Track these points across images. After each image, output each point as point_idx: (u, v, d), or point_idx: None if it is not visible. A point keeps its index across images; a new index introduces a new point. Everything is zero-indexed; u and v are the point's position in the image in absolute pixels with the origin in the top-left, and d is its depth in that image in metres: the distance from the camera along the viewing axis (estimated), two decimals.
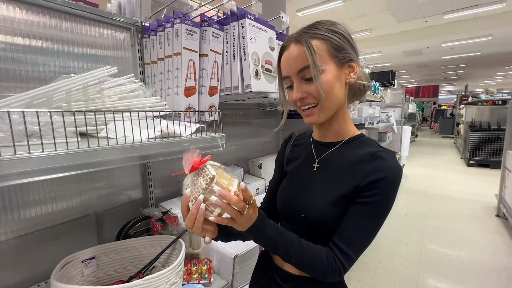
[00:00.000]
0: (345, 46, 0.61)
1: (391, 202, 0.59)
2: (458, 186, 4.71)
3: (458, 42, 8.01)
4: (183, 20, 0.88)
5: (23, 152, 0.45)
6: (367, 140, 0.67)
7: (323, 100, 0.59)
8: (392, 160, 0.60)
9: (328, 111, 0.63)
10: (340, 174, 0.63)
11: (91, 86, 0.67)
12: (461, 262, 2.45)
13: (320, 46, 0.59)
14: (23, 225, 0.85)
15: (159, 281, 0.62)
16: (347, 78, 0.62)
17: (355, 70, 0.63)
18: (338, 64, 0.60)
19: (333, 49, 0.59)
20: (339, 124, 0.68)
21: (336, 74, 0.60)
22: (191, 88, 0.94)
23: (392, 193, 0.59)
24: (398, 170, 0.59)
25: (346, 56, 0.61)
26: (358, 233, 0.59)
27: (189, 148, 0.50)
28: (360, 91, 0.70)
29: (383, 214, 0.59)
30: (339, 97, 0.62)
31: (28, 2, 0.81)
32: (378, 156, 0.60)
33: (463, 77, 15.91)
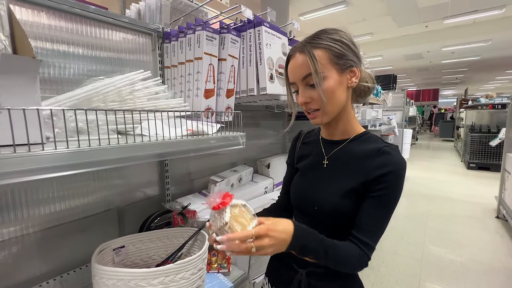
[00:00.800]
0: (346, 53, 0.66)
1: (399, 192, 0.66)
2: (458, 189, 4.76)
3: (458, 47, 8.12)
4: (205, 27, 0.94)
5: (73, 147, 0.51)
6: (372, 137, 0.73)
7: (325, 104, 0.66)
8: (397, 154, 0.67)
9: (331, 114, 0.69)
10: (348, 169, 0.70)
11: (126, 87, 0.74)
12: (461, 262, 2.50)
13: (321, 55, 0.65)
14: (53, 217, 0.91)
15: (188, 266, 0.68)
16: (349, 83, 0.69)
17: (357, 74, 0.69)
18: (340, 70, 0.66)
19: (335, 57, 0.66)
20: (344, 124, 0.74)
21: (338, 79, 0.66)
22: (210, 90, 1.01)
23: (400, 184, 0.65)
24: (403, 162, 0.65)
25: (347, 62, 0.67)
26: (375, 224, 0.65)
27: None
28: (364, 92, 0.76)
29: (394, 203, 0.66)
30: (341, 100, 0.69)
31: (61, 10, 0.88)
32: (384, 151, 0.66)
33: (463, 81, 16.02)
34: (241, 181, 1.49)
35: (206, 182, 1.42)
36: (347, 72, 0.68)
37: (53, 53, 0.88)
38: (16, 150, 0.40)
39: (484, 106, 6.59)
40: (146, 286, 0.64)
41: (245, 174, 1.52)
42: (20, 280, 0.84)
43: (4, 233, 0.81)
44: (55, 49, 0.88)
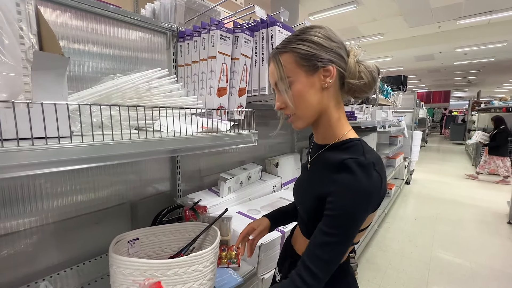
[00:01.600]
0: (316, 52, 0.61)
1: (352, 218, 0.56)
2: (468, 193, 4.68)
3: (471, 48, 7.94)
4: (219, 27, 0.96)
5: (97, 140, 0.53)
6: (353, 147, 0.63)
7: (293, 110, 0.64)
8: (360, 174, 0.55)
9: (305, 118, 0.66)
10: (319, 176, 0.66)
11: (143, 85, 0.76)
12: (471, 266, 2.46)
13: (287, 58, 0.63)
14: (70, 209, 0.95)
15: (201, 259, 0.70)
16: (322, 84, 0.63)
17: (332, 73, 0.62)
18: (309, 72, 0.62)
19: (301, 59, 0.62)
20: (325, 129, 0.68)
21: (307, 82, 0.62)
22: (223, 89, 1.02)
23: (352, 211, 0.55)
24: (358, 185, 0.55)
25: (316, 63, 0.61)
26: (320, 246, 0.57)
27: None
28: (359, 89, 0.66)
29: (340, 228, 0.56)
30: (314, 103, 0.64)
31: (82, 9, 0.91)
32: (345, 165, 0.57)
33: (476, 83, 15.66)
34: (250, 179, 1.51)
35: (216, 179, 1.45)
36: (320, 73, 0.62)
37: (74, 52, 0.91)
38: (47, 142, 0.43)
39: (497, 109, 6.44)
40: (160, 277, 0.66)
41: (254, 172, 1.54)
42: (40, 267, 0.88)
43: (25, 222, 0.84)
44: (75, 48, 0.92)
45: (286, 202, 1.37)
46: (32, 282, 0.85)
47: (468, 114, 10.09)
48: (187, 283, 0.69)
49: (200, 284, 0.71)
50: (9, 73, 0.59)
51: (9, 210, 0.81)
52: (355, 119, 1.90)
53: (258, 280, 1.00)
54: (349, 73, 0.64)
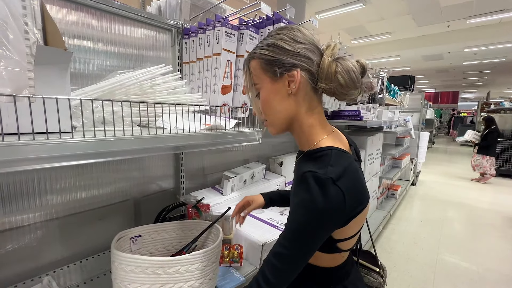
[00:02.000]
0: (279, 57, 0.58)
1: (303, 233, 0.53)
2: (476, 195, 4.59)
3: (481, 48, 7.78)
4: (224, 23, 0.95)
5: (99, 136, 0.53)
6: (321, 157, 0.58)
7: (260, 116, 0.65)
8: (315, 190, 0.51)
9: (276, 126, 0.64)
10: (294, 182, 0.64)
11: (147, 81, 0.76)
12: (478, 270, 2.42)
13: (254, 65, 0.62)
14: (74, 205, 0.95)
15: (203, 257, 0.70)
16: (287, 90, 0.59)
17: (296, 78, 0.58)
18: (273, 78, 0.60)
19: (265, 65, 0.60)
20: (298, 136, 0.65)
21: (271, 88, 0.60)
22: (227, 86, 1.02)
23: (304, 224, 0.53)
24: (312, 205, 0.51)
25: (277, 68, 0.58)
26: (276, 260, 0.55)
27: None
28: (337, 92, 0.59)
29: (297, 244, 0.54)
30: (283, 110, 0.61)
31: (88, 5, 0.91)
32: (304, 179, 0.54)
33: (486, 83, 15.35)
34: (253, 178, 1.50)
35: (219, 178, 1.44)
36: (285, 78, 0.58)
37: (78, 49, 0.91)
38: (48, 137, 0.42)
39: (507, 110, 6.30)
40: (162, 274, 0.66)
41: (257, 171, 1.53)
42: (44, 262, 0.88)
43: (30, 217, 0.85)
44: (80, 45, 0.92)
45: None
46: (36, 277, 0.85)
47: (477, 115, 9.89)
48: (189, 281, 0.68)
49: (202, 283, 0.71)
50: (13, 68, 0.59)
51: (14, 205, 0.82)
52: (361, 119, 1.88)
53: None
54: (321, 76, 0.58)
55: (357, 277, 0.75)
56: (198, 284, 0.70)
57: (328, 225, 0.55)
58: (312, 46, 0.59)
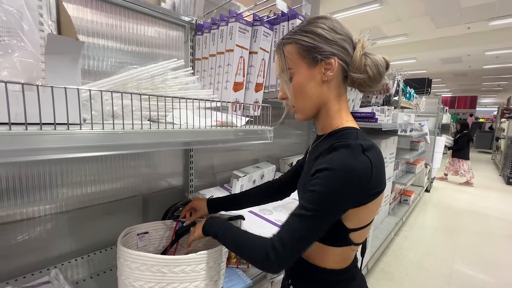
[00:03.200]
0: (317, 45, 0.60)
1: (327, 195, 0.54)
2: (495, 204, 4.38)
3: (504, 51, 7.46)
4: (238, 19, 0.93)
5: (108, 129, 0.51)
6: (346, 133, 0.62)
7: (292, 101, 0.65)
8: (344, 153, 0.55)
9: (304, 111, 0.66)
10: (310, 165, 0.66)
11: (159, 76, 0.75)
12: (495, 283, 2.29)
13: (290, 50, 0.63)
14: (84, 199, 0.95)
15: (209, 258, 0.68)
16: (323, 77, 0.62)
17: (333, 67, 0.60)
18: (310, 65, 0.61)
19: (303, 51, 0.61)
20: (323, 120, 0.67)
21: (307, 74, 0.62)
22: (240, 83, 0.99)
23: (330, 185, 0.53)
24: (341, 164, 0.53)
25: (316, 56, 0.60)
26: (294, 217, 0.56)
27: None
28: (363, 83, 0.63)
29: (317, 205, 0.54)
30: (314, 96, 0.63)
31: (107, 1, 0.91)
32: (333, 147, 0.57)
33: (506, 88, 14.73)
34: (263, 178, 1.47)
35: (228, 177, 1.42)
36: (321, 65, 0.61)
37: (92, 46, 0.92)
38: (56, 128, 0.41)
39: None
40: (167, 273, 0.64)
41: (267, 171, 1.50)
42: (52, 255, 0.88)
43: (41, 209, 0.86)
44: (94, 42, 0.92)
45: None
46: (44, 269, 0.86)
47: (497, 121, 9.49)
48: (195, 281, 0.67)
49: (207, 284, 0.68)
50: (27, 59, 0.59)
51: (26, 196, 0.83)
52: (376, 121, 1.81)
53: (267, 283, 0.96)
54: (353, 66, 0.62)
55: (362, 280, 0.74)
56: (204, 285, 0.68)
57: (353, 190, 0.54)
58: (347, 38, 0.63)
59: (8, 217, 0.80)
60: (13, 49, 0.56)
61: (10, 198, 0.79)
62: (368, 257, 2.24)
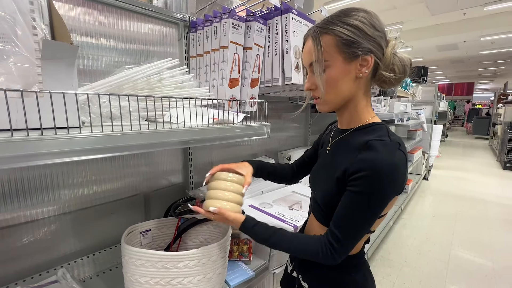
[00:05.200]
0: (358, 40, 0.59)
1: (377, 195, 0.57)
2: (492, 190, 4.45)
3: (499, 36, 7.43)
4: (231, 15, 0.93)
5: (107, 131, 0.52)
6: (376, 129, 0.64)
7: (323, 94, 0.63)
8: (384, 152, 0.56)
9: (332, 104, 0.66)
10: (340, 158, 0.67)
11: (154, 76, 0.75)
12: (493, 267, 2.35)
13: (328, 41, 0.60)
14: (86, 199, 0.97)
15: (212, 252, 0.70)
16: (357, 73, 0.61)
17: (369, 64, 0.60)
18: (347, 59, 0.60)
19: (342, 44, 0.59)
20: (350, 114, 0.68)
21: (343, 69, 0.61)
22: (235, 79, 1.00)
23: (376, 186, 0.56)
24: (385, 163, 0.55)
25: (357, 50, 0.59)
26: (346, 219, 0.60)
27: None
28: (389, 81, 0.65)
29: (369, 205, 0.58)
30: (345, 91, 0.63)
31: (99, 1, 0.90)
32: (370, 145, 0.58)
33: (503, 74, 14.72)
34: None
35: None
36: (358, 61, 0.60)
37: (86, 45, 0.91)
38: (56, 132, 0.42)
39: None
40: (171, 269, 0.66)
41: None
42: (58, 255, 0.90)
43: (44, 211, 0.87)
44: (87, 42, 0.92)
45: (299, 197, 1.34)
46: (51, 269, 0.88)
47: (494, 107, 9.53)
48: (198, 275, 0.69)
49: (211, 277, 0.71)
50: (23, 64, 0.59)
51: (29, 199, 0.84)
52: None
53: (269, 274, 0.99)
54: (383, 65, 0.62)
55: (367, 266, 0.78)
56: (207, 278, 0.70)
57: (395, 186, 0.58)
58: (384, 35, 0.63)
59: (13, 220, 0.81)
60: (8, 55, 0.56)
61: (14, 201, 0.80)
62: (368, 245, 2.28)
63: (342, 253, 0.61)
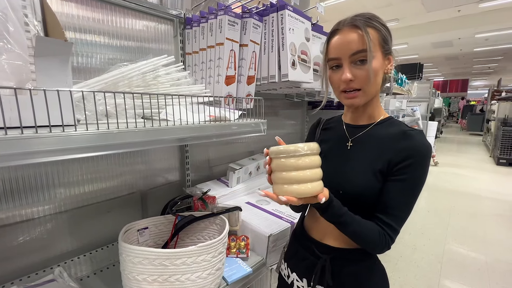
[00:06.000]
0: (389, 39, 0.68)
1: (424, 176, 0.65)
2: (485, 185, 4.52)
3: (493, 33, 7.50)
4: (227, 12, 0.93)
5: (103, 129, 0.52)
6: (396, 121, 0.74)
7: (369, 84, 0.65)
8: (422, 138, 0.66)
9: (369, 95, 0.69)
10: (373, 151, 0.70)
11: (150, 73, 0.75)
12: (486, 261, 2.40)
13: (374, 34, 0.65)
14: (82, 198, 0.96)
15: (209, 249, 0.70)
16: (386, 68, 0.69)
17: (391, 62, 0.70)
18: (383, 54, 0.68)
19: (382, 40, 0.66)
20: (373, 108, 0.74)
21: (382, 62, 0.67)
22: (231, 77, 1.00)
23: (424, 169, 0.65)
24: (428, 147, 0.65)
25: (389, 48, 0.68)
26: (399, 207, 0.65)
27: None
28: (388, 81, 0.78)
29: (418, 188, 0.65)
30: (379, 84, 0.70)
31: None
32: (409, 134, 0.66)
33: (497, 70, 14.89)
34: (259, 169, 1.49)
35: (224, 170, 1.44)
36: (386, 58, 0.69)
37: (80, 42, 0.90)
38: (51, 130, 0.42)
39: None
40: (169, 266, 0.66)
41: (263, 163, 1.52)
42: (55, 254, 0.90)
43: (40, 210, 0.86)
44: (82, 38, 0.90)
45: None
46: (48, 268, 0.87)
47: (487, 103, 9.64)
48: (196, 272, 0.69)
49: (209, 274, 0.71)
50: (15, 61, 0.58)
51: (24, 198, 0.83)
52: None
53: (267, 271, 1.00)
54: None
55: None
56: (205, 275, 0.71)
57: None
58: None
59: (8, 219, 0.80)
60: (0, 52, 0.56)
61: (9, 200, 0.80)
62: None
63: (394, 241, 0.66)
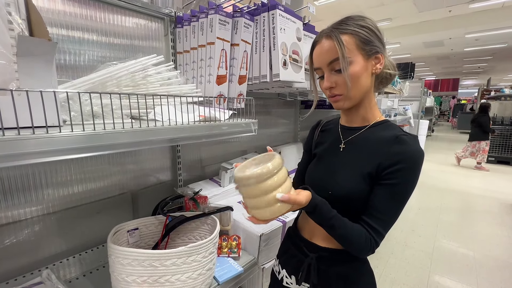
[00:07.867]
0: (372, 39, 0.67)
1: (413, 183, 0.65)
2: (474, 183, 4.62)
3: (483, 33, 7.64)
4: (218, 11, 0.92)
5: (88, 130, 0.51)
6: (391, 125, 0.73)
7: (349, 89, 0.66)
8: (414, 144, 0.65)
9: (354, 99, 0.70)
10: (364, 154, 0.70)
11: (139, 72, 0.74)
12: (475, 256, 2.46)
13: (349, 40, 0.66)
14: (71, 199, 0.95)
15: (200, 249, 0.70)
16: (373, 69, 0.69)
17: (381, 61, 0.69)
18: (365, 56, 0.67)
19: (361, 43, 0.66)
20: (365, 110, 0.74)
21: (363, 65, 0.67)
22: (223, 76, 0.99)
23: (414, 176, 0.64)
24: (419, 153, 0.64)
25: (372, 48, 0.67)
26: (386, 212, 0.65)
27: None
28: (386, 80, 0.77)
29: (407, 194, 0.65)
30: (365, 86, 0.69)
31: None
32: (401, 139, 0.66)
33: (486, 70, 15.19)
34: None
35: (217, 169, 1.44)
36: (372, 59, 0.68)
37: (68, 39, 0.89)
38: (34, 132, 0.41)
39: (508, 97, 6.26)
40: (159, 267, 0.66)
41: None
42: (43, 256, 0.88)
43: (27, 212, 0.85)
44: (70, 36, 0.89)
45: None
46: (35, 270, 0.86)
47: (477, 102, 9.84)
48: (186, 273, 0.69)
49: (199, 274, 0.71)
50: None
51: (10, 199, 0.81)
52: None
53: (258, 270, 1.00)
54: (385, 64, 0.71)
55: None
56: (196, 275, 0.71)
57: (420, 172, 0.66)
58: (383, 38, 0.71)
59: None
60: None
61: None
62: None
63: (379, 245, 0.66)
